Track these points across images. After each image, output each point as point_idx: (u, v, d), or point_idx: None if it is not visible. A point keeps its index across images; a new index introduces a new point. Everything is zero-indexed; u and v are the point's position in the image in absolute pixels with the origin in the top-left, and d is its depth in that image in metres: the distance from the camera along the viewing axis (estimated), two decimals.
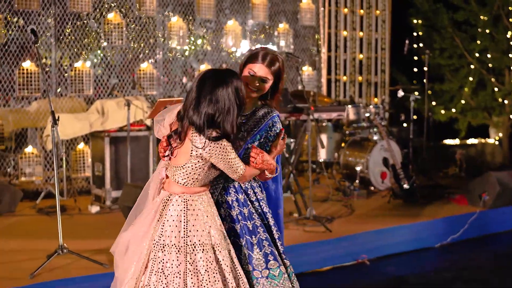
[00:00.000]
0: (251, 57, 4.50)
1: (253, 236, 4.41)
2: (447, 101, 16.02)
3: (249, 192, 4.49)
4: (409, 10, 15.97)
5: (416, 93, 13.35)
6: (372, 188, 11.40)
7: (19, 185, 10.70)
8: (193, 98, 4.13)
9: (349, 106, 11.98)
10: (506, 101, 15.25)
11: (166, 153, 4.29)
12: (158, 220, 4.20)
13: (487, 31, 15.23)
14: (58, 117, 6.93)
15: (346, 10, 14.92)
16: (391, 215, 9.76)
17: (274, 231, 4.53)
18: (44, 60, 11.06)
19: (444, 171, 13.87)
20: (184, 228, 4.15)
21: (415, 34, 15.89)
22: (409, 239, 9.12)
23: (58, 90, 11.24)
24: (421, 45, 15.60)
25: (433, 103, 15.85)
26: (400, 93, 11.99)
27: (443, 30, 15.64)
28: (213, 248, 4.18)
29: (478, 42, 15.30)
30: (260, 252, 4.38)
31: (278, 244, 4.51)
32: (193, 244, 4.14)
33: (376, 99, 15.43)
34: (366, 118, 11.93)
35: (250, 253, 4.38)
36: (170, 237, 4.14)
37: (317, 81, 14.39)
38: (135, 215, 4.42)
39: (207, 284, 4.10)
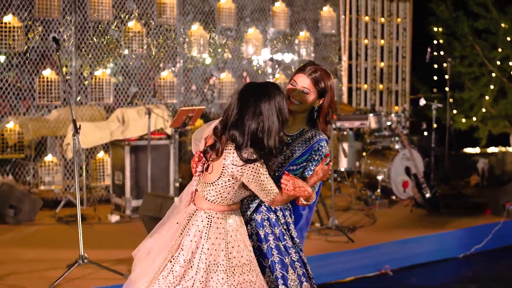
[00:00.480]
0: (298, 70, 4.40)
1: (286, 257, 4.31)
2: (467, 109, 15.93)
3: (278, 214, 4.38)
4: (429, 18, 15.90)
5: (438, 101, 13.26)
6: (393, 197, 11.32)
7: (39, 194, 10.69)
8: (235, 113, 4.01)
9: (371, 114, 11.91)
10: None
11: (199, 169, 4.18)
12: (181, 233, 4.11)
13: (508, 39, 15.13)
14: (80, 126, 6.89)
15: (367, 18, 14.86)
16: (414, 225, 9.69)
17: (302, 254, 4.46)
18: (64, 69, 11.05)
19: (466, 180, 13.76)
20: (202, 245, 4.05)
21: (435, 42, 15.81)
22: (432, 249, 9.05)
23: (78, 98, 11.23)
24: (442, 53, 15.51)
25: (454, 111, 15.76)
26: (422, 102, 11.90)
27: (464, 38, 15.56)
28: (232, 270, 4.08)
29: (499, 50, 15.21)
30: (294, 273, 4.28)
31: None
32: (209, 263, 4.04)
33: (397, 108, 15.35)
34: (388, 126, 11.84)
35: (285, 274, 4.26)
36: (188, 251, 4.05)
37: (338, 89, 14.32)
38: (163, 225, 4.34)
39: None
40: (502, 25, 15.14)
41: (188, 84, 12.33)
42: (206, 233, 4.06)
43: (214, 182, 4.06)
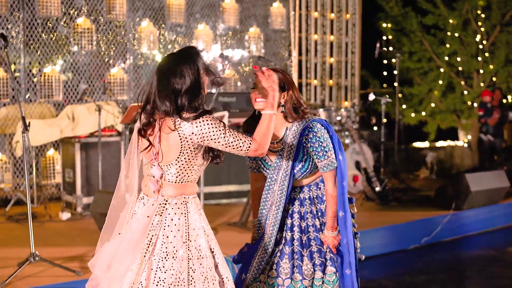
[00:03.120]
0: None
1: (305, 249, 4.53)
2: (417, 104, 16.14)
3: (312, 208, 4.59)
4: (378, 14, 16.05)
5: (387, 96, 13.40)
6: None
7: None
8: (156, 85, 3.98)
9: (321, 109, 11.97)
10: (475, 104, 15.37)
11: (147, 157, 4.10)
12: (157, 227, 3.99)
13: (456, 34, 15.36)
14: (29, 123, 6.83)
15: (316, 14, 14.94)
16: (364, 218, 9.75)
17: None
18: (12, 66, 10.94)
19: (415, 174, 13.95)
20: (186, 233, 4.00)
21: (384, 38, 15.97)
22: (382, 242, 9.14)
23: (27, 96, 11.12)
24: (391, 48, 15.67)
25: (403, 106, 15.94)
26: (371, 97, 12.02)
27: (412, 34, 15.76)
28: (212, 252, 4.10)
29: (447, 45, 15.43)
30: (310, 263, 4.49)
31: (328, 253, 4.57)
32: (196, 249, 4.01)
33: (346, 103, 15.47)
34: (338, 121, 11.93)
35: (301, 263, 4.50)
36: (173, 243, 3.97)
37: None
38: (111, 225, 4.23)
39: None
40: (450, 21, 15.36)
41: (139, 81, 12.29)
42: (185, 220, 4.02)
43: (176, 159, 3.98)
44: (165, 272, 3.97)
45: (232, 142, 3.96)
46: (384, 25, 16.08)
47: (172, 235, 3.98)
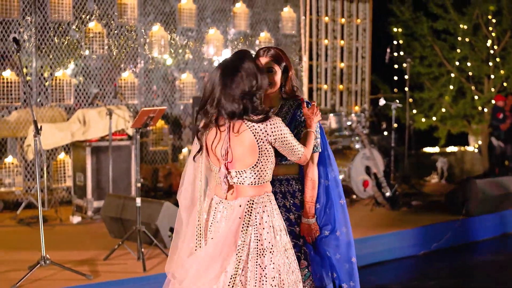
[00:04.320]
0: (254, 56, 4.51)
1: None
2: (427, 109, 16.12)
3: (284, 201, 4.57)
4: (389, 19, 16.05)
5: (397, 101, 13.40)
6: (354, 196, 11.40)
7: None
8: (219, 88, 4.05)
9: (331, 114, 11.98)
10: (485, 109, 15.35)
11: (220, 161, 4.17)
12: (248, 227, 4.07)
13: (467, 39, 15.34)
14: (41, 127, 6.86)
15: (327, 19, 14.95)
16: (374, 223, 9.77)
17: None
18: (24, 69, 10.99)
19: (425, 179, 13.93)
20: (273, 228, 4.11)
21: (395, 42, 15.96)
22: (392, 247, 9.12)
23: (39, 99, 11.16)
24: (401, 53, 15.67)
25: (414, 111, 15.93)
26: (382, 102, 12.02)
27: (423, 38, 15.75)
28: (290, 244, 4.23)
29: (458, 50, 15.41)
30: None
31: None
32: (282, 244, 4.13)
33: (356, 108, 15.46)
34: (348, 126, 11.93)
35: None
36: (267, 240, 4.07)
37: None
38: (177, 241, 4.30)
39: (296, 282, 4.16)
40: (461, 26, 15.35)
41: (149, 85, 12.32)
42: (270, 218, 4.13)
43: (256, 164, 4.09)
44: (265, 268, 4.07)
45: (294, 145, 4.16)
46: (395, 29, 16.07)
47: (265, 232, 4.09)
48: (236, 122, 4.04)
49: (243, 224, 4.08)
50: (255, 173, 4.10)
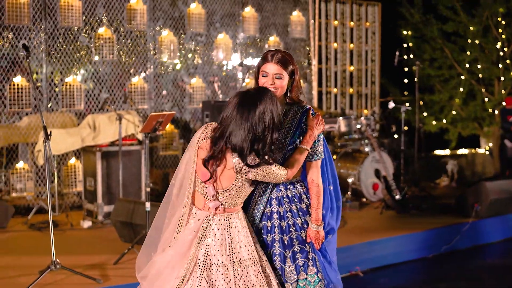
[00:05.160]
0: (262, 60, 4.59)
1: (287, 250, 4.53)
2: (437, 111, 16.10)
3: (292, 206, 4.60)
4: (399, 21, 16.05)
5: (407, 104, 13.39)
6: (364, 199, 11.42)
7: (11, 201, 10.67)
8: (232, 122, 4.16)
9: (341, 118, 12.00)
10: (496, 111, 15.32)
11: (203, 178, 4.28)
12: (201, 240, 4.23)
13: (477, 41, 15.32)
14: (50, 132, 6.90)
15: (336, 22, 14.97)
16: (384, 226, 9.78)
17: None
18: (35, 75, 11.06)
19: (435, 182, 13.92)
20: (229, 245, 4.22)
21: (405, 45, 15.96)
22: (402, 250, 9.14)
23: (49, 105, 11.22)
24: (411, 56, 15.67)
25: (424, 114, 15.91)
26: (391, 105, 12.03)
27: (433, 41, 15.73)
28: (259, 260, 4.30)
29: (468, 53, 15.39)
30: (293, 265, 4.51)
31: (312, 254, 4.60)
32: (239, 260, 4.22)
33: (366, 111, 15.47)
34: (358, 129, 11.94)
35: (283, 265, 4.52)
36: (216, 255, 4.20)
37: (308, 93, 14.42)
38: (154, 237, 4.43)
39: None
40: (471, 28, 15.32)
41: (159, 90, 12.37)
42: (228, 234, 4.25)
43: (228, 189, 4.23)
44: (213, 282, 4.19)
45: (273, 173, 4.23)
46: (405, 32, 16.07)
47: (215, 249, 4.21)
48: (230, 154, 4.18)
49: (197, 238, 4.23)
50: (225, 197, 4.26)
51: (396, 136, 14.28)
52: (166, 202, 4.48)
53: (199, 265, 4.19)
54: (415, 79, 13.19)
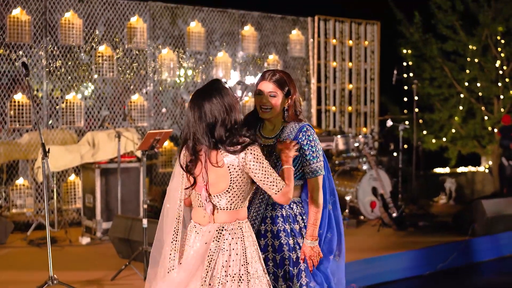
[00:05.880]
0: (260, 78, 4.66)
1: (280, 269, 4.55)
2: (437, 130, 16.14)
3: (285, 226, 4.61)
4: (399, 40, 16.14)
5: (407, 122, 13.46)
6: (362, 217, 11.47)
7: (10, 217, 10.73)
8: (193, 122, 4.19)
9: (338, 136, 12.06)
10: (495, 129, 15.37)
11: (186, 185, 4.31)
12: (215, 252, 4.16)
13: (476, 60, 15.39)
14: (49, 149, 6.98)
15: (335, 41, 15.05)
16: (380, 243, 9.82)
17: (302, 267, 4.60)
18: (35, 93, 11.16)
19: (434, 200, 13.96)
20: (243, 256, 4.19)
21: (404, 64, 16.03)
22: (398, 267, 9.17)
23: (50, 122, 11.31)
24: (411, 75, 15.73)
25: (424, 132, 15.97)
26: (389, 123, 12.10)
27: (433, 60, 15.80)
28: (264, 272, 4.27)
29: (467, 71, 15.46)
30: (284, 285, 4.52)
31: (303, 275, 4.57)
32: (256, 271, 4.19)
33: (365, 129, 15.53)
34: (355, 148, 12.01)
35: (276, 284, 4.53)
36: (232, 267, 4.15)
37: (307, 111, 14.49)
38: (156, 256, 4.39)
39: None
40: (470, 47, 15.40)
41: (159, 108, 12.45)
42: (242, 244, 4.21)
43: (228, 189, 4.20)
44: None
45: (267, 178, 4.17)
46: (405, 51, 16.15)
47: (231, 259, 4.16)
48: (212, 151, 4.18)
49: (210, 250, 4.17)
50: (229, 199, 4.22)
51: (395, 154, 14.34)
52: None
53: (215, 279, 4.14)
54: (415, 98, 13.27)
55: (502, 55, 15.41)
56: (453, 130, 15.88)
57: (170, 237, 4.29)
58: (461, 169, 16.55)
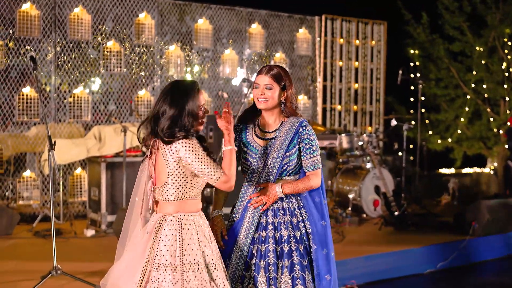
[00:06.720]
0: (256, 74, 4.79)
1: (280, 260, 4.61)
2: (443, 130, 16.18)
3: (285, 218, 4.70)
4: (406, 40, 16.19)
5: (413, 122, 13.50)
6: (364, 215, 11.53)
7: (17, 209, 10.83)
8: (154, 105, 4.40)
9: (343, 134, 12.12)
10: (501, 131, 15.41)
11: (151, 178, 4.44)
12: (154, 241, 4.28)
13: (483, 62, 15.44)
14: (55, 142, 7.06)
15: (342, 40, 15.11)
16: (381, 241, 9.87)
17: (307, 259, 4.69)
18: (43, 86, 11.27)
19: (437, 200, 13.99)
20: (179, 247, 4.25)
21: (411, 64, 16.09)
22: (398, 265, 9.19)
23: (57, 116, 11.41)
24: (418, 75, 15.78)
25: (430, 132, 16.02)
26: (393, 122, 12.16)
27: (439, 60, 15.85)
28: (207, 267, 4.31)
29: (474, 72, 15.50)
30: (289, 276, 4.57)
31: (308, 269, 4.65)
32: (189, 263, 4.24)
33: (370, 128, 15.58)
34: (359, 146, 12.07)
35: (275, 275, 4.58)
36: (165, 256, 4.23)
37: (312, 110, 14.56)
38: (124, 240, 4.52)
39: None
40: (477, 48, 15.45)
41: None
42: (179, 235, 4.27)
43: (167, 179, 4.31)
44: (159, 283, 4.23)
45: (204, 169, 4.26)
46: (412, 51, 16.20)
47: (165, 249, 4.24)
48: (158, 142, 4.33)
49: (150, 239, 4.30)
50: (169, 190, 4.33)
51: (400, 153, 14.39)
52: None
53: (151, 267, 4.24)
54: (420, 98, 13.32)
55: (509, 57, 15.45)
56: (459, 131, 15.93)
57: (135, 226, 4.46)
58: (466, 170, 16.58)
